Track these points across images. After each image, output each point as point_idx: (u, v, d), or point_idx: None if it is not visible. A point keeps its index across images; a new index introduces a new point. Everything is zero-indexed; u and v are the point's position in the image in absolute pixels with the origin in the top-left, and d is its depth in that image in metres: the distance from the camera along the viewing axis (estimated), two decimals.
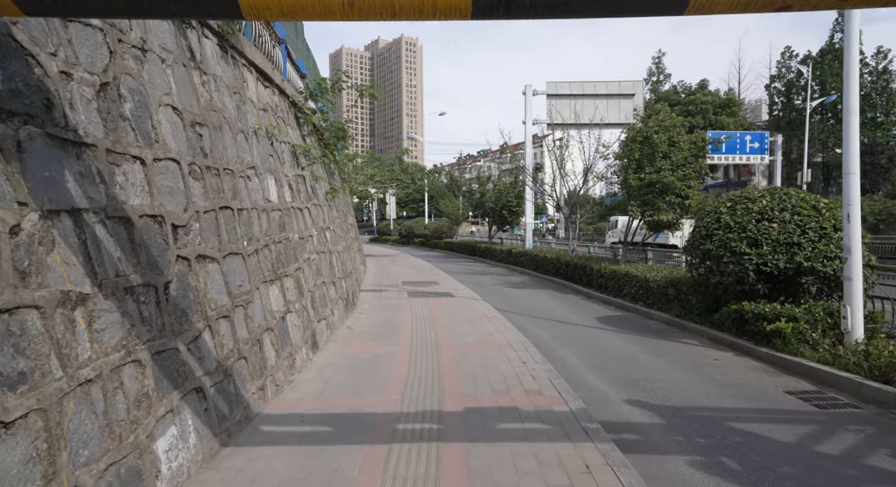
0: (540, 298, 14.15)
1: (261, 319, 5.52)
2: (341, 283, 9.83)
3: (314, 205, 8.84)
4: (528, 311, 11.83)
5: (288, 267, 6.78)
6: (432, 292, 13.97)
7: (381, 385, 5.86)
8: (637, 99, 23.13)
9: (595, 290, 14.67)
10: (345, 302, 9.92)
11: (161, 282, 3.69)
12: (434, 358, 7.09)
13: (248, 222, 5.65)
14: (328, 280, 8.76)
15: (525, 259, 21.83)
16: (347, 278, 10.76)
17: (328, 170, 11.90)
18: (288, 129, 8.14)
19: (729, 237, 8.44)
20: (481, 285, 16.75)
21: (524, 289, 16.00)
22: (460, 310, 11.02)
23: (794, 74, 55.99)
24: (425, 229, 42.77)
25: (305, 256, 7.73)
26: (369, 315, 10.35)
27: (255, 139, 6.36)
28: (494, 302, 12.94)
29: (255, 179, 6.17)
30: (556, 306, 12.77)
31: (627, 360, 7.57)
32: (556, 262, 18.17)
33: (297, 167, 8.25)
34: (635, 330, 9.85)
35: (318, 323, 7.65)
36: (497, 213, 29.60)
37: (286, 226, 7.01)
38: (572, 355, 7.86)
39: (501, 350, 7.53)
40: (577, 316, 11.37)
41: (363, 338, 8.27)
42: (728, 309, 8.65)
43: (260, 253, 5.88)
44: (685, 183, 13.59)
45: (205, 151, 4.82)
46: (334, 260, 9.59)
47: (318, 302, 7.86)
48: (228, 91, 5.73)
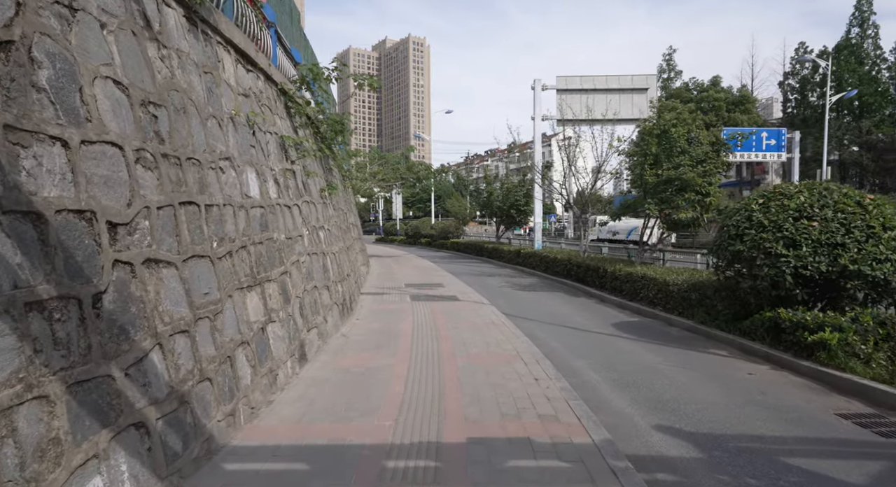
0: (550, 302, 13.35)
1: (233, 332, 4.78)
2: (336, 287, 9.11)
3: (306, 202, 8.11)
4: (539, 316, 11.04)
5: (271, 270, 6.05)
6: (436, 295, 13.21)
7: (372, 406, 5.11)
8: (651, 93, 22.27)
9: (609, 293, 13.86)
10: (340, 307, 9.18)
11: (88, 294, 2.96)
12: (435, 372, 6.33)
13: (219, 220, 4.92)
14: (321, 284, 8.03)
15: (534, 260, 21.03)
16: (344, 281, 10.03)
17: (325, 166, 11.18)
18: (275, 119, 7.42)
19: (763, 237, 7.63)
20: (488, 287, 15.97)
21: (533, 292, 15.21)
22: (465, 316, 10.26)
23: (808, 70, 54.81)
24: (432, 229, 42.03)
25: (294, 258, 7.00)
26: (367, 321, 9.61)
27: (231, 127, 5.64)
28: (502, 306, 12.16)
29: (232, 172, 5.44)
30: (567, 310, 11.98)
31: (651, 375, 6.77)
32: (567, 264, 17.36)
33: (286, 160, 7.53)
34: (656, 338, 9.04)
35: (307, 333, 6.91)
36: (505, 213, 28.77)
37: (270, 225, 6.28)
38: (589, 368, 7.07)
39: (510, 362, 6.75)
40: (590, 322, 10.58)
41: (358, 349, 7.52)
42: (761, 317, 7.83)
43: (235, 256, 5.15)
44: (706, 179, 12.74)
45: (161, 136, 4.10)
46: (329, 262, 8.86)
47: (307, 310, 7.13)
48: (197, 70, 5.00)
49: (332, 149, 12.07)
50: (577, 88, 22.19)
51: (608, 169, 17.38)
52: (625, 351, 8.09)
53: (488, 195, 29.80)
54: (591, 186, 17.21)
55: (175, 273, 3.99)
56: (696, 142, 13.49)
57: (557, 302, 13.29)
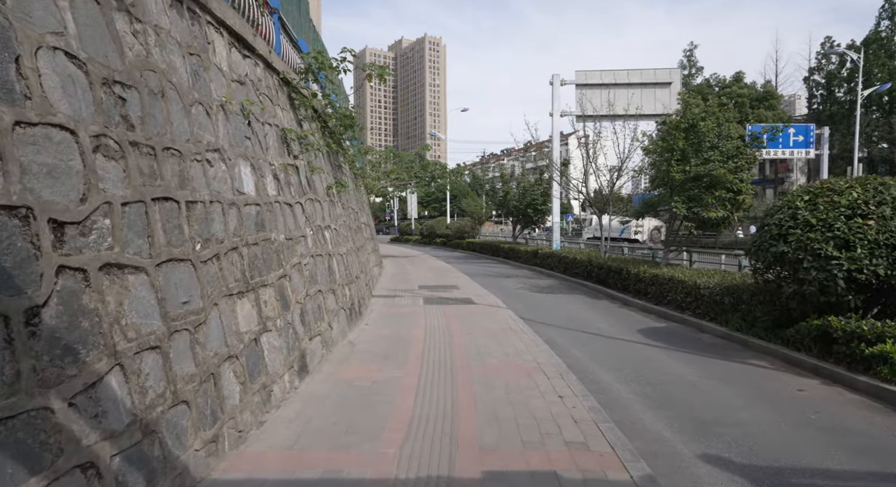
0: (571, 306, 12.68)
1: (219, 345, 4.23)
2: (344, 291, 8.55)
3: (310, 200, 7.57)
4: (559, 322, 10.39)
5: (267, 274, 5.50)
6: (451, 298, 12.61)
7: (375, 429, 4.53)
8: (674, 87, 21.43)
9: (632, 296, 13.14)
10: (348, 312, 8.63)
11: (19, 309, 2.42)
12: (448, 386, 5.73)
13: (204, 219, 4.38)
14: (326, 288, 7.48)
15: (552, 261, 20.33)
16: (352, 284, 9.48)
17: (333, 163, 10.64)
18: (276, 110, 6.88)
19: (810, 237, 6.90)
20: (505, 290, 15.32)
21: (552, 295, 14.53)
22: (481, 321, 9.65)
23: (835, 65, 53.21)
24: (447, 229, 41.46)
25: (295, 260, 6.45)
26: (376, 327, 9.05)
27: (222, 115, 5.10)
28: (520, 310, 11.52)
29: (221, 165, 4.90)
30: (589, 315, 11.30)
31: (688, 390, 6.10)
32: (588, 265, 16.64)
33: (288, 155, 6.98)
34: (687, 346, 8.35)
35: (309, 341, 6.36)
36: (522, 212, 28.10)
37: (267, 225, 5.73)
38: (618, 382, 6.41)
39: (531, 376, 6.13)
40: (615, 328, 9.90)
41: (364, 358, 6.95)
42: (808, 325, 7.10)
43: (223, 259, 4.61)
44: (737, 176, 11.97)
45: (130, 121, 3.55)
46: (335, 263, 8.31)
47: (310, 316, 6.58)
48: (181, 50, 4.47)
49: (342, 145, 11.53)
50: (597, 83, 21.43)
51: (630, 166, 16.64)
52: (655, 362, 7.41)
53: (504, 194, 29.13)
54: (612, 184, 16.47)
55: (145, 279, 3.44)
56: (725, 137, 12.72)
57: (578, 306, 12.61)
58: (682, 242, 13.95)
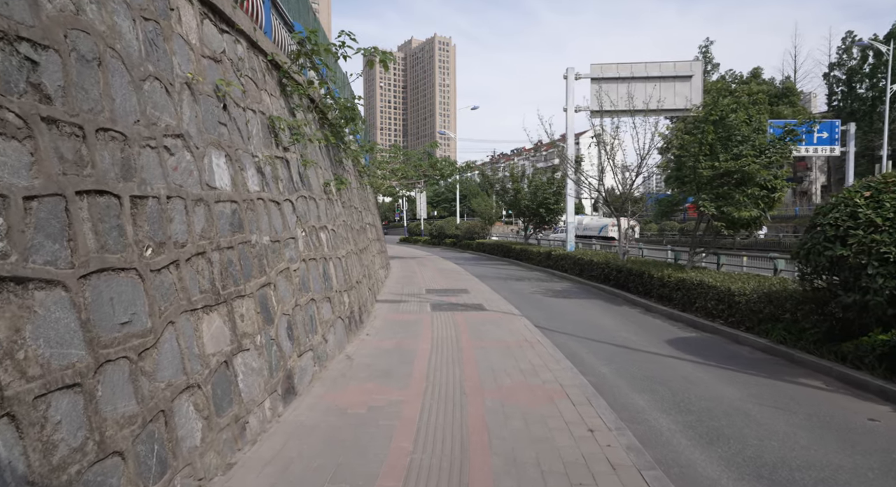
0: (589, 311, 11.78)
1: (174, 373, 3.42)
2: (342, 298, 7.73)
3: (303, 197, 6.75)
4: (578, 330, 9.51)
5: (246, 283, 4.69)
6: (460, 304, 11.76)
7: (367, 475, 3.69)
8: (696, 81, 20.43)
9: (655, 302, 12.22)
10: (347, 321, 7.81)
11: None
12: (456, 416, 4.89)
13: (159, 218, 3.57)
14: (320, 296, 6.66)
15: (567, 262, 19.42)
16: (353, 290, 8.66)
17: (334, 158, 9.83)
18: (263, 96, 6.07)
19: (875, 239, 5.98)
20: (518, 294, 14.45)
21: (568, 299, 13.63)
22: (494, 331, 8.79)
23: (857, 60, 51.81)
24: (457, 229, 40.64)
25: (282, 266, 5.64)
26: (378, 337, 8.22)
27: (188, 95, 4.29)
28: (535, 317, 10.65)
29: (185, 154, 4.09)
30: (610, 323, 10.40)
31: (739, 419, 5.20)
32: (605, 267, 15.72)
33: (276, 146, 6.17)
34: (726, 361, 7.44)
35: (297, 359, 5.54)
36: (533, 212, 27.18)
37: (246, 225, 4.93)
38: (655, 409, 5.53)
39: (554, 401, 5.27)
40: (640, 338, 9.00)
41: (362, 376, 6.12)
42: (871, 340, 6.19)
43: (186, 267, 3.80)
44: (771, 171, 11.01)
45: (45, 92, 2.75)
46: (332, 268, 7.49)
47: (299, 329, 5.76)
48: (130, 12, 3.67)
49: (344, 139, 10.73)
50: (614, 77, 20.47)
51: (650, 163, 15.70)
52: (693, 381, 6.51)
53: (515, 193, 28.22)
54: (631, 182, 15.54)
55: (62, 296, 2.63)
56: (756, 130, 11.76)
57: (597, 312, 11.71)
58: (711, 244, 12.99)
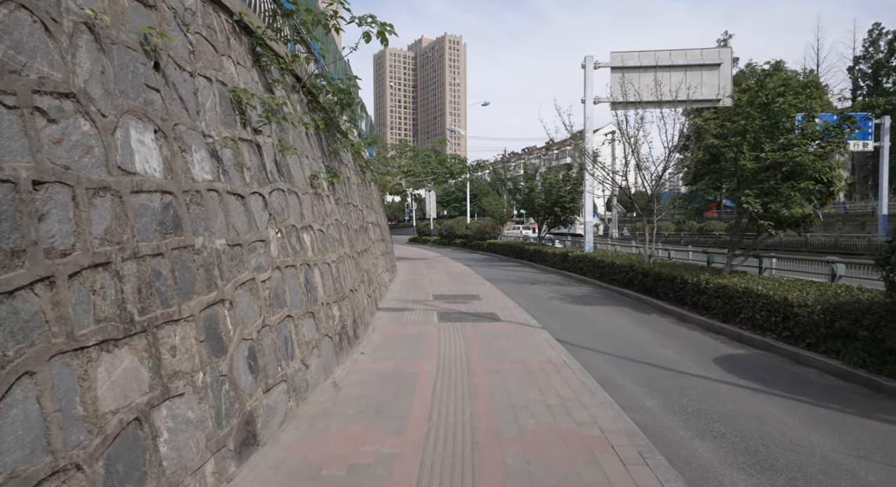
0: (615, 321, 10.47)
1: (26, 453, 2.20)
2: (331, 311, 6.50)
3: (279, 190, 5.53)
4: (607, 345, 8.21)
5: (182, 302, 3.47)
6: (471, 313, 10.49)
7: None
8: (724, 69, 19.00)
9: (689, 310, 10.89)
10: (338, 338, 6.58)
11: None
12: (467, 482, 3.63)
13: (13, 213, 2.36)
14: (300, 311, 5.43)
15: (585, 265, 18.08)
16: (346, 300, 7.42)
17: (327, 148, 8.61)
18: (224, 63, 4.86)
19: None
20: (534, 300, 13.16)
21: (591, 306, 12.32)
22: (510, 348, 7.51)
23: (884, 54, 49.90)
24: (467, 229, 39.41)
25: (244, 276, 4.41)
26: (375, 356, 6.98)
27: (88, 40, 3.08)
28: (556, 328, 9.37)
29: (82, 122, 2.89)
30: (642, 335, 9.09)
31: (849, 483, 3.90)
32: (629, 271, 14.38)
33: (243, 126, 4.96)
34: (793, 387, 6.12)
35: (263, 395, 4.31)
36: (548, 211, 25.86)
37: (187, 224, 3.71)
38: (730, 465, 4.23)
39: (595, 458, 3.99)
40: (681, 356, 7.69)
41: (348, 414, 4.88)
42: None
43: (68, 286, 2.58)
44: (826, 163, 9.63)
45: None
46: (318, 276, 6.26)
47: (267, 356, 4.53)
48: None
49: (339, 127, 9.51)
50: (636, 66, 19.11)
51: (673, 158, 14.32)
52: (765, 419, 5.20)
53: (529, 191, 26.91)
54: (658, 176, 14.19)
55: None
56: (807, 117, 10.40)
57: (624, 321, 10.39)
58: (753, 245, 11.61)
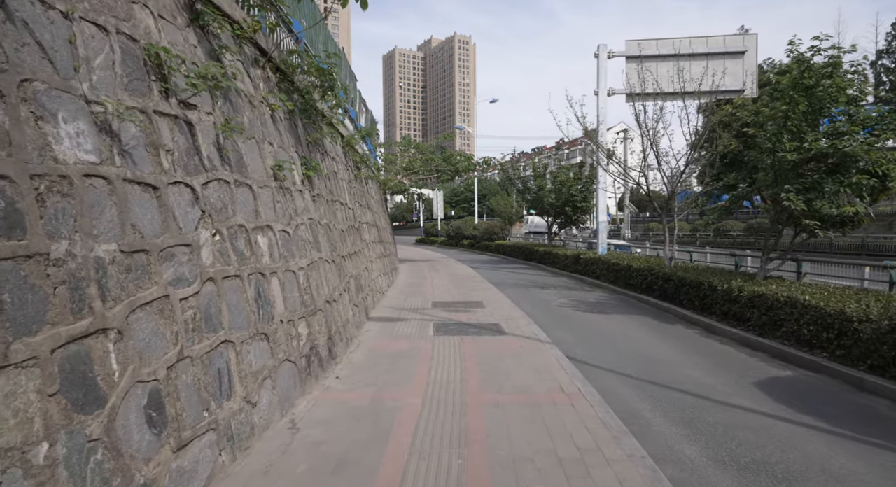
0: (635, 333, 9.24)
1: None
2: (294, 329, 5.34)
3: (221, 181, 4.39)
4: (629, 365, 7.00)
5: (20, 338, 2.33)
6: (472, 324, 9.30)
7: None
8: (749, 57, 17.67)
9: (718, 321, 9.65)
10: (304, 362, 5.42)
11: None
12: None
13: None
14: (246, 333, 4.28)
15: (598, 268, 16.84)
16: (320, 313, 6.25)
17: (303, 136, 7.47)
18: (136, 12, 3.74)
19: None
20: (543, 307, 11.96)
21: (606, 315, 11.09)
22: (515, 371, 6.32)
23: None
24: (474, 230, 38.23)
25: (149, 293, 3.27)
26: (351, 382, 5.82)
27: None
28: (568, 342, 8.19)
29: None
30: (668, 352, 7.86)
31: None
32: (648, 275, 13.13)
33: (162, 96, 3.83)
34: (865, 426, 4.89)
35: (170, 457, 3.16)
36: (559, 210, 24.59)
37: (31, 224, 2.57)
38: None
39: None
40: (718, 379, 6.47)
41: (294, 477, 3.71)
42: None
43: None
44: (882, 154, 8.33)
45: None
46: (276, 287, 5.10)
47: (184, 400, 3.38)
48: None
49: (322, 113, 8.37)
50: (654, 54, 17.81)
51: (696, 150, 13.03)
52: (842, 478, 3.97)
53: (538, 189, 25.66)
54: (679, 172, 12.93)
55: None
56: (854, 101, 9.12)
57: (645, 334, 9.17)
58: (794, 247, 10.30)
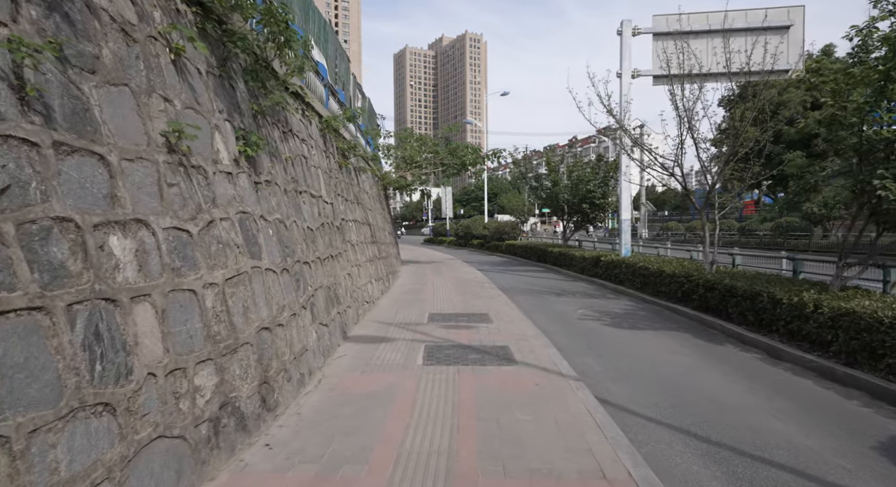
0: (682, 359, 7.27)
1: None
2: (188, 383, 3.46)
3: (23, 142, 2.54)
4: (686, 413, 5.04)
5: None
6: (474, 347, 7.37)
7: None
8: (795, 33, 15.58)
9: (783, 342, 7.69)
10: (208, 431, 3.55)
11: None
12: None
13: None
14: (48, 414, 2.42)
15: (622, 272, 14.82)
16: (240, 352, 4.28)
17: (246, 104, 5.58)
18: None
19: None
20: (562, 321, 10.01)
21: (638, 332, 9.11)
22: (530, 432, 4.38)
23: None
24: (484, 229, 36.25)
25: None
26: (283, 458, 3.93)
27: None
28: (598, 375, 6.27)
29: None
30: (732, 389, 5.88)
31: None
32: (684, 282, 11.11)
33: None
34: None
35: None
36: (575, 208, 22.57)
37: None
38: None
39: None
40: (820, 441, 4.51)
41: None
42: None
43: None
44: None
45: None
46: (146, 319, 3.21)
47: None
48: None
49: (275, 72, 6.48)
50: (685, 31, 15.74)
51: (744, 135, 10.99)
52: None
53: (552, 185, 23.65)
54: (728, 160, 10.91)
55: None
56: None
57: (694, 360, 7.20)
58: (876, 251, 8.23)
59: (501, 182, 78.46)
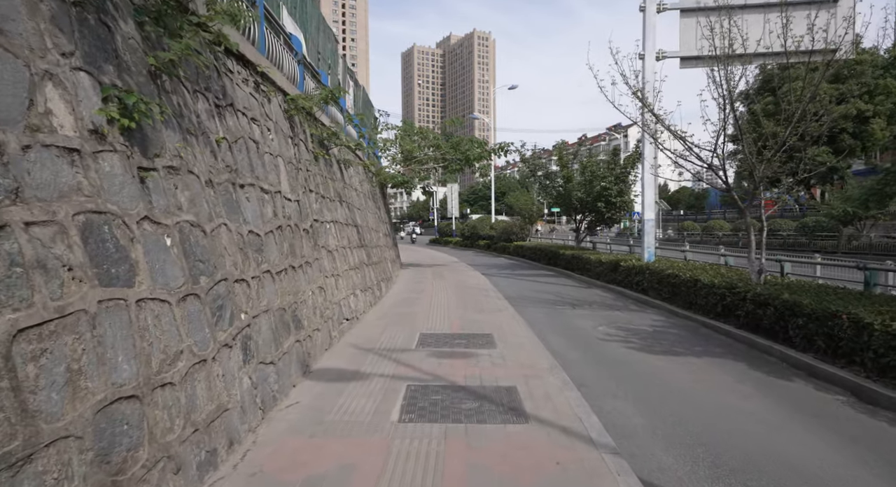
0: (741, 403, 5.46)
1: None
2: None
3: None
4: None
5: None
6: (471, 392, 5.58)
7: None
8: (843, 6, 13.69)
9: (875, 381, 5.86)
10: None
11: None
12: None
13: None
14: None
15: (645, 279, 12.99)
16: (52, 446, 2.62)
17: (128, 52, 3.85)
18: None
19: None
20: (580, 343, 8.23)
21: (676, 359, 7.30)
22: None
23: None
24: (491, 229, 34.45)
25: None
26: None
27: None
28: (638, 432, 4.48)
29: None
30: (829, 460, 4.07)
31: None
32: (727, 294, 9.30)
33: None
34: None
35: None
36: (589, 207, 20.73)
37: None
38: None
39: None
40: None
41: None
42: None
43: None
44: None
45: None
46: None
47: None
48: None
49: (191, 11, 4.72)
50: (716, 6, 13.88)
51: None
52: None
53: (564, 181, 21.82)
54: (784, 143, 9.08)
55: None
56: None
57: (758, 404, 5.40)
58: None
59: (510, 180, 76.47)
